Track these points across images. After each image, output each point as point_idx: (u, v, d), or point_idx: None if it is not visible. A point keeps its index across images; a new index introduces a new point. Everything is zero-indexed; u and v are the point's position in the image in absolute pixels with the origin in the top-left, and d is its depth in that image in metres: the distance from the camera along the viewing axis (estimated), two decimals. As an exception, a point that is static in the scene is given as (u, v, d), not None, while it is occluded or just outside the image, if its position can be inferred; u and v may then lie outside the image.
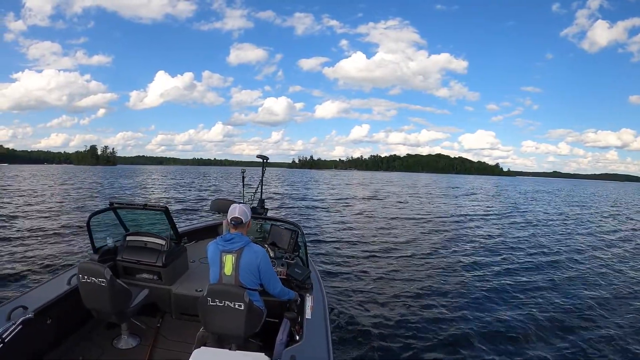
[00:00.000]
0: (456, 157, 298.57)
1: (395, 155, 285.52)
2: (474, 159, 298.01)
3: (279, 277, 2.67)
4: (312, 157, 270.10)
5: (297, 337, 2.39)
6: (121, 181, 35.02)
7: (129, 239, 3.22)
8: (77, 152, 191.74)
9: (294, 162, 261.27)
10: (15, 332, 2.15)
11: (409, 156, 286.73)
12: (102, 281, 2.46)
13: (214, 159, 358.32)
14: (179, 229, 3.50)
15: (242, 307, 2.17)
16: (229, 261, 2.27)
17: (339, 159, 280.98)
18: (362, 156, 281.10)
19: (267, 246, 3.39)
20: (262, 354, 1.91)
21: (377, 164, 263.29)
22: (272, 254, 3.29)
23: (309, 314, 2.51)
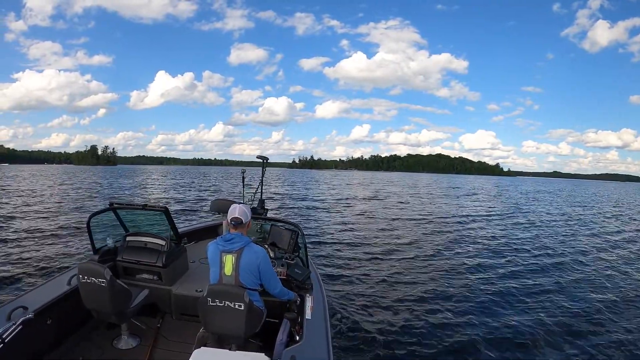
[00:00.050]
0: (457, 157, 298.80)
1: (395, 155, 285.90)
2: (475, 159, 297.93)
3: (279, 277, 2.67)
4: (312, 157, 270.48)
5: (297, 338, 2.39)
6: (121, 181, 35.02)
7: (129, 239, 3.22)
8: (77, 152, 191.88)
9: (295, 162, 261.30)
10: (15, 332, 2.16)
11: (410, 156, 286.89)
12: (102, 281, 2.46)
13: (214, 159, 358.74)
14: (179, 230, 3.50)
15: (242, 308, 2.17)
16: (229, 261, 2.27)
17: (340, 159, 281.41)
18: (362, 156, 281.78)
19: (267, 246, 3.39)
20: (262, 354, 1.91)
21: (377, 164, 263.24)
22: (272, 255, 3.28)
23: (309, 315, 2.52)
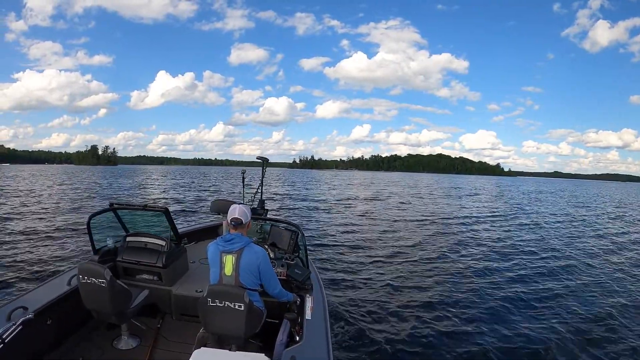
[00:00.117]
0: (457, 157, 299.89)
1: (396, 155, 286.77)
2: (475, 159, 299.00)
3: (279, 277, 2.67)
4: (313, 157, 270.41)
5: (297, 338, 2.39)
6: (121, 181, 35.02)
7: (129, 239, 3.22)
8: (78, 152, 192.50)
9: (295, 162, 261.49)
10: (15, 332, 2.16)
11: (410, 156, 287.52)
12: (102, 282, 2.46)
13: (214, 159, 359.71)
14: (179, 230, 3.50)
15: (242, 308, 2.17)
16: (229, 262, 2.27)
17: (340, 159, 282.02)
18: (363, 156, 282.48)
19: (267, 247, 3.39)
20: (262, 354, 1.91)
21: (378, 164, 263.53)
22: (272, 255, 3.28)
23: (309, 315, 2.51)
